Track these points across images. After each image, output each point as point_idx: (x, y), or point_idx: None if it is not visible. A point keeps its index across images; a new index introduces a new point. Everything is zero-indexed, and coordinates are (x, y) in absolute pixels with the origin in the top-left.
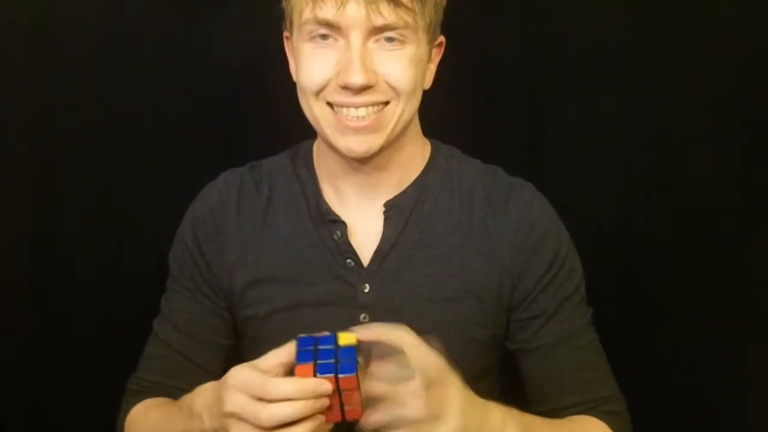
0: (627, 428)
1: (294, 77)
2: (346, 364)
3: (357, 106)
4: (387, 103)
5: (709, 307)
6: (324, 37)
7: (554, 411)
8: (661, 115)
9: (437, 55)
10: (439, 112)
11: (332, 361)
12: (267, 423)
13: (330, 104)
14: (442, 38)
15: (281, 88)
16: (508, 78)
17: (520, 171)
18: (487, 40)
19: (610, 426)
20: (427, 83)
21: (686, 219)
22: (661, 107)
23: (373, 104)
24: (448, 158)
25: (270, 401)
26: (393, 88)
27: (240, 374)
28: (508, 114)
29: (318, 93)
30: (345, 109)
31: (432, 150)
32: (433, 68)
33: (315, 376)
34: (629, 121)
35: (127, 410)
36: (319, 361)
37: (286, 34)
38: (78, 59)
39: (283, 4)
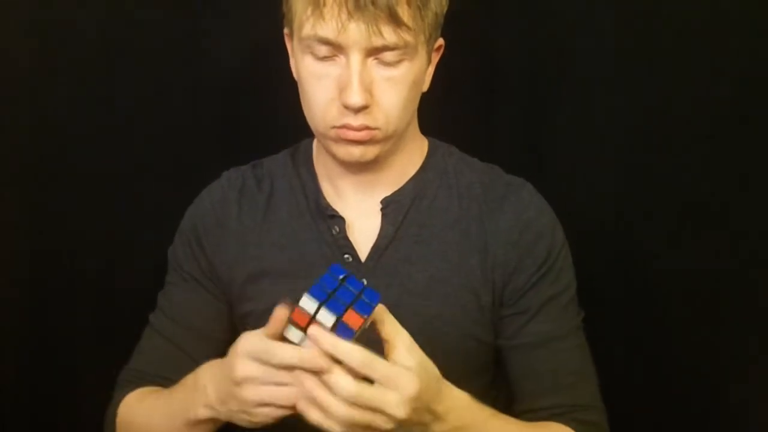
0: None
1: (294, 74)
2: (369, 291)
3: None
4: (378, 128)
5: (709, 307)
6: (324, 58)
7: (531, 411)
8: (661, 115)
9: (436, 58)
10: (439, 111)
11: (356, 295)
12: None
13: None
14: (441, 41)
15: (281, 88)
16: (508, 78)
17: (520, 171)
18: (487, 39)
19: None
20: (425, 86)
21: (686, 219)
22: (661, 107)
23: (367, 127)
24: (445, 156)
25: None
26: (386, 115)
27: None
28: (508, 114)
29: (323, 118)
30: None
31: (429, 148)
32: (431, 71)
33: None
34: (629, 122)
35: (120, 399)
36: (354, 306)
37: (286, 31)
38: (78, 59)
39: (284, 9)
